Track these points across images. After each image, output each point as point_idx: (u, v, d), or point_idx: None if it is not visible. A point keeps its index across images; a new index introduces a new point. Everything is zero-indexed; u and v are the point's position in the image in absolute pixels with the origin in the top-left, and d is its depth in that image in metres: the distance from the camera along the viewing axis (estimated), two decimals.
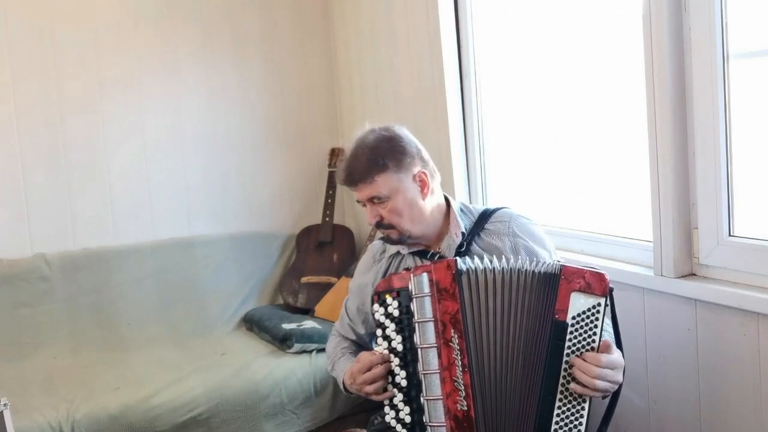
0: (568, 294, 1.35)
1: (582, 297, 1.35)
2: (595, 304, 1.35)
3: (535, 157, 2.34)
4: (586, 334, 1.35)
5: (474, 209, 1.70)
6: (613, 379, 1.34)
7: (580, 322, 1.35)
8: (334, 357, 1.77)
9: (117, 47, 2.90)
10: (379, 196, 1.57)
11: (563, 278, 1.36)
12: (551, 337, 1.36)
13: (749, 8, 1.54)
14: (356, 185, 1.58)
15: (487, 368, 1.39)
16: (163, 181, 3.01)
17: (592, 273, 1.36)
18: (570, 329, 1.35)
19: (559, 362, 1.34)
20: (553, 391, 1.34)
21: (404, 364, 1.44)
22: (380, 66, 2.91)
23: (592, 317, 1.35)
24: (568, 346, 1.35)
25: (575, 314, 1.35)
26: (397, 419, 1.44)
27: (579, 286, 1.35)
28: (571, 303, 1.35)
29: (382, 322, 1.46)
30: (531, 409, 1.37)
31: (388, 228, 1.60)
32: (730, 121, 1.58)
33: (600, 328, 1.35)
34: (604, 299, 1.35)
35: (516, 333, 1.39)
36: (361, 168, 1.56)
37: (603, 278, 1.36)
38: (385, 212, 1.58)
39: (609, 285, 1.36)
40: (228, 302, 2.97)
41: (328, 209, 3.17)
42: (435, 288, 1.41)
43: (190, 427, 2.20)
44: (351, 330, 1.78)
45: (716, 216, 1.61)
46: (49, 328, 2.68)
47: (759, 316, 1.50)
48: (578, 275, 1.36)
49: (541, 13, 2.22)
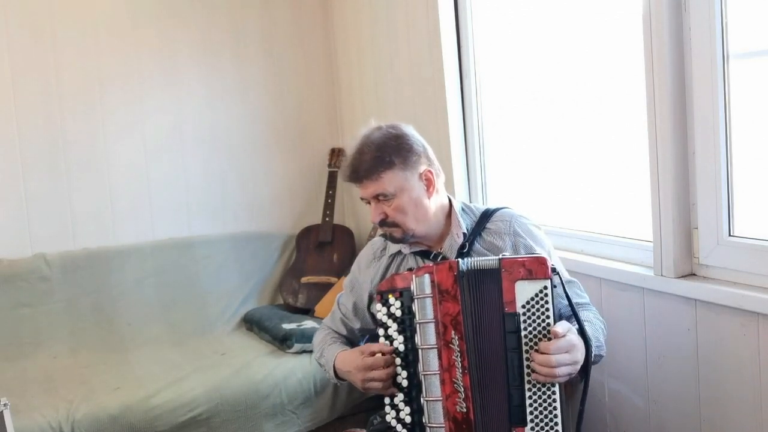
0: (512, 284, 1.36)
1: (526, 284, 1.36)
2: (542, 288, 1.36)
3: (535, 157, 2.34)
4: (539, 318, 1.36)
5: (476, 209, 1.70)
6: (571, 360, 1.35)
7: (531, 309, 1.36)
8: (323, 345, 1.76)
9: (117, 47, 2.91)
10: (385, 193, 1.55)
11: (504, 270, 1.37)
12: (506, 329, 1.36)
13: (749, 8, 1.54)
14: (362, 182, 1.57)
15: (486, 370, 1.39)
16: (163, 181, 3.01)
17: (531, 259, 1.37)
18: (522, 317, 1.36)
19: (520, 352, 1.35)
20: (521, 381, 1.35)
21: (405, 364, 1.44)
22: (380, 66, 2.91)
23: (541, 301, 1.36)
24: (525, 335, 1.36)
25: (524, 302, 1.36)
26: (397, 419, 1.44)
27: (521, 275, 1.36)
28: (517, 293, 1.36)
29: (384, 322, 1.47)
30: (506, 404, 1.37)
31: (391, 226, 1.59)
32: (730, 121, 1.58)
33: (551, 310, 1.36)
34: (549, 281, 1.36)
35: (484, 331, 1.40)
36: (367, 164, 1.55)
37: (543, 261, 1.37)
38: (389, 210, 1.57)
39: (550, 266, 1.37)
40: (228, 302, 2.97)
41: (328, 209, 3.17)
42: (436, 289, 1.41)
43: (190, 427, 2.20)
44: (343, 325, 1.77)
45: (716, 216, 1.61)
46: (49, 328, 2.68)
47: (759, 316, 1.50)
48: (518, 265, 1.37)
49: (541, 13, 2.22)
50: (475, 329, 1.39)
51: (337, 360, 1.64)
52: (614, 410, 1.91)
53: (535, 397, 1.35)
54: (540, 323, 1.35)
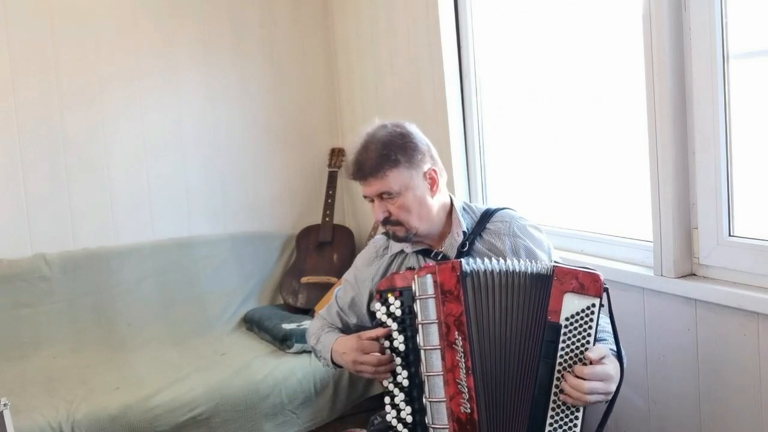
0: (560, 295, 1.34)
1: (575, 298, 1.34)
2: (589, 305, 1.33)
3: (535, 157, 2.34)
4: (580, 335, 1.34)
5: (476, 209, 1.70)
6: (605, 390, 1.33)
7: (574, 323, 1.34)
8: (320, 332, 1.76)
9: (117, 47, 2.90)
10: (390, 191, 1.55)
11: (556, 279, 1.35)
12: (544, 338, 1.35)
13: (749, 8, 1.54)
14: (366, 179, 1.56)
15: (490, 371, 1.38)
16: (163, 181, 3.01)
17: (585, 273, 1.35)
18: (563, 330, 1.33)
19: (552, 364, 1.33)
20: (547, 394, 1.34)
21: (406, 364, 1.43)
22: (380, 66, 2.91)
23: (586, 318, 1.33)
24: (562, 347, 1.34)
25: (568, 315, 1.34)
26: (398, 419, 1.43)
27: (572, 287, 1.34)
28: (564, 304, 1.34)
29: (384, 321, 1.46)
30: (525, 413, 1.36)
31: (395, 225, 1.58)
32: (730, 121, 1.58)
33: (594, 329, 1.34)
34: (598, 300, 1.33)
35: (512, 335, 1.38)
36: (372, 162, 1.54)
37: (597, 278, 1.34)
38: (393, 208, 1.56)
39: (603, 285, 1.34)
40: (228, 302, 2.97)
41: (328, 209, 3.17)
42: (439, 290, 1.40)
43: (190, 427, 2.20)
44: (339, 318, 1.77)
45: (716, 216, 1.61)
46: (49, 328, 2.68)
47: (759, 316, 1.50)
48: (571, 276, 1.35)
49: (541, 13, 2.22)
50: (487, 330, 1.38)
51: (335, 343, 1.64)
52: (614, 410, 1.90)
53: (557, 417, 1.33)
54: (580, 339, 1.33)
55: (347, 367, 1.57)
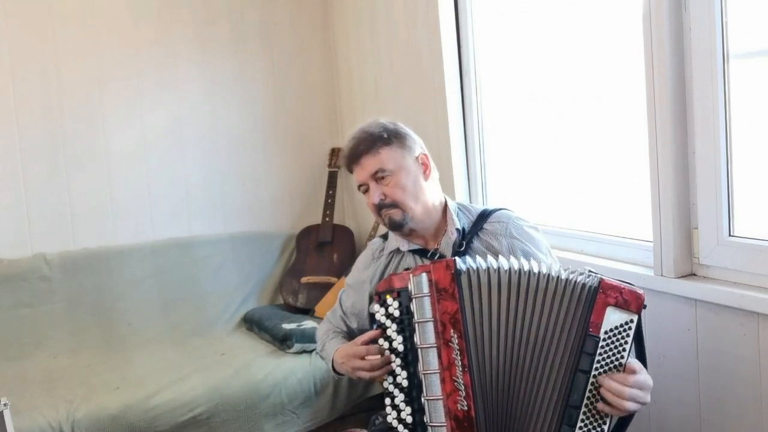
0: (603, 308, 1.33)
1: (617, 312, 1.33)
2: (628, 320, 1.33)
3: (535, 157, 2.34)
4: (615, 350, 1.33)
5: (473, 209, 1.70)
6: (643, 400, 1.33)
7: (612, 337, 1.33)
8: (325, 338, 1.77)
9: (117, 47, 2.91)
10: (384, 168, 1.58)
11: (601, 291, 1.34)
12: (581, 349, 1.33)
13: (749, 8, 1.54)
14: (360, 160, 1.60)
15: (488, 368, 1.38)
16: (163, 180, 3.01)
17: (630, 290, 1.34)
18: (601, 343, 1.33)
19: (587, 376, 1.32)
20: (578, 404, 1.33)
21: (405, 364, 1.43)
22: (380, 66, 2.91)
23: (624, 333, 1.33)
24: (597, 360, 1.33)
25: (608, 329, 1.33)
26: (398, 419, 1.43)
27: (615, 302, 1.33)
28: (605, 317, 1.33)
29: (383, 323, 1.46)
30: (547, 415, 1.35)
31: (390, 207, 1.60)
32: (730, 121, 1.58)
33: (630, 344, 1.34)
34: (637, 316, 1.33)
35: (526, 334, 1.37)
36: (366, 143, 1.60)
37: (639, 296, 1.34)
38: (388, 189, 1.59)
39: (644, 302, 1.34)
40: (228, 302, 2.97)
41: (328, 209, 3.17)
42: (434, 288, 1.40)
43: (190, 427, 2.20)
44: (343, 323, 1.78)
45: (716, 216, 1.61)
46: (49, 328, 2.68)
47: (759, 316, 1.50)
48: (615, 290, 1.34)
49: (541, 13, 2.22)
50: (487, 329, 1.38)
51: (336, 353, 1.64)
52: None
53: (587, 421, 1.33)
54: (615, 353, 1.33)
55: (348, 375, 1.59)
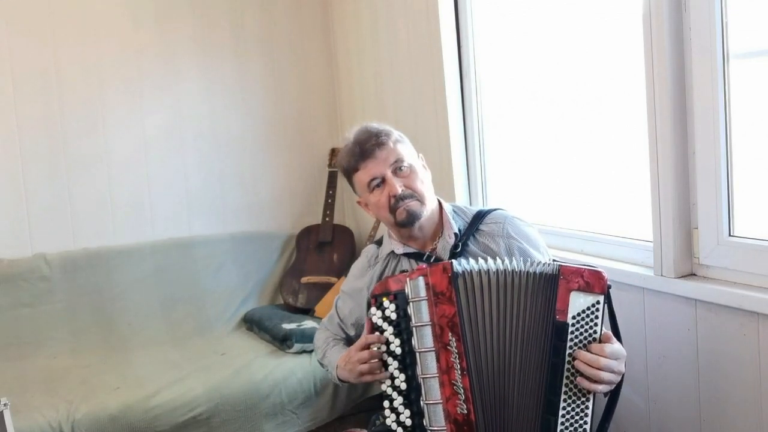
0: (567, 294, 1.35)
1: (581, 296, 1.35)
2: (594, 302, 1.35)
3: (535, 158, 2.34)
4: (586, 332, 1.35)
5: (468, 210, 1.70)
6: (618, 369, 1.34)
7: (580, 321, 1.35)
8: (326, 347, 1.76)
9: (117, 47, 2.90)
10: (402, 159, 1.59)
11: (562, 278, 1.36)
12: (552, 337, 1.35)
13: (749, 8, 1.54)
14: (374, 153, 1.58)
15: (486, 371, 1.38)
16: (163, 180, 3.01)
17: (590, 272, 1.36)
18: (570, 329, 1.34)
19: (562, 362, 1.34)
20: (557, 391, 1.34)
21: (403, 367, 1.43)
22: (380, 66, 2.91)
23: (592, 315, 1.35)
24: (570, 345, 1.34)
25: (575, 314, 1.35)
26: (397, 422, 1.43)
27: (578, 286, 1.35)
28: (570, 302, 1.35)
29: (380, 326, 1.46)
30: (533, 410, 1.36)
31: (410, 199, 1.58)
32: (730, 121, 1.58)
33: (600, 326, 1.35)
34: (603, 297, 1.35)
35: (513, 334, 1.38)
36: (377, 138, 1.59)
37: (601, 276, 1.35)
38: (407, 180, 1.59)
39: (607, 282, 1.36)
40: (228, 302, 2.97)
41: (328, 209, 3.17)
42: (431, 292, 1.40)
43: (190, 427, 2.20)
44: (341, 330, 1.78)
45: (716, 216, 1.61)
46: (49, 328, 2.68)
47: (759, 316, 1.50)
48: (577, 274, 1.36)
49: (541, 13, 2.22)
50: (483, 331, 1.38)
51: (339, 360, 1.64)
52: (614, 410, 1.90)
53: (568, 408, 1.34)
54: (587, 336, 1.34)
55: (350, 379, 1.56)
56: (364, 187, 1.63)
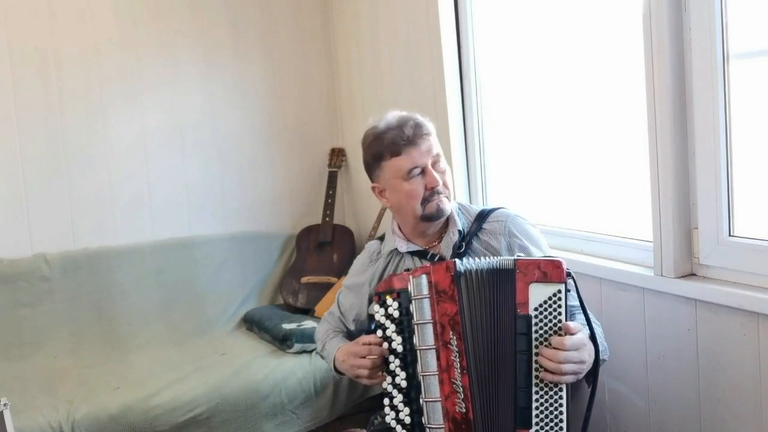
0: (526, 287, 1.36)
1: (541, 287, 1.36)
2: (555, 292, 1.35)
3: (535, 158, 2.34)
4: (551, 323, 1.36)
5: (471, 209, 1.70)
6: (578, 359, 1.35)
7: (543, 312, 1.36)
8: (326, 338, 1.77)
9: (117, 47, 2.90)
10: (440, 154, 1.60)
11: (519, 272, 1.37)
12: (517, 331, 1.36)
13: (749, 8, 1.54)
14: (416, 140, 1.55)
15: (483, 370, 1.38)
16: (163, 180, 3.01)
17: (547, 262, 1.37)
18: (534, 320, 1.35)
19: (529, 354, 1.35)
20: (528, 383, 1.35)
21: (404, 365, 1.44)
22: (380, 66, 2.91)
23: (554, 305, 1.35)
24: (536, 337, 1.35)
25: (537, 305, 1.36)
26: (397, 420, 1.44)
27: (536, 277, 1.36)
28: (530, 295, 1.35)
29: (383, 323, 1.47)
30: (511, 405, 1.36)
31: (442, 193, 1.59)
32: (730, 121, 1.58)
33: (564, 314, 1.35)
34: (563, 285, 1.35)
35: (497, 332, 1.39)
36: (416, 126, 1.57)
37: (558, 265, 1.36)
38: (442, 175, 1.59)
39: (566, 270, 1.36)
40: (228, 302, 2.97)
41: (328, 209, 3.17)
42: (434, 290, 1.40)
43: (190, 427, 2.20)
44: (342, 324, 1.79)
45: (716, 216, 1.61)
46: (49, 328, 2.68)
47: (759, 316, 1.50)
48: (533, 266, 1.36)
49: (541, 13, 2.22)
50: (477, 329, 1.39)
51: (337, 352, 1.65)
52: (614, 410, 1.91)
53: (542, 401, 1.35)
54: (552, 327, 1.35)
55: (347, 373, 1.59)
56: (399, 173, 1.56)
